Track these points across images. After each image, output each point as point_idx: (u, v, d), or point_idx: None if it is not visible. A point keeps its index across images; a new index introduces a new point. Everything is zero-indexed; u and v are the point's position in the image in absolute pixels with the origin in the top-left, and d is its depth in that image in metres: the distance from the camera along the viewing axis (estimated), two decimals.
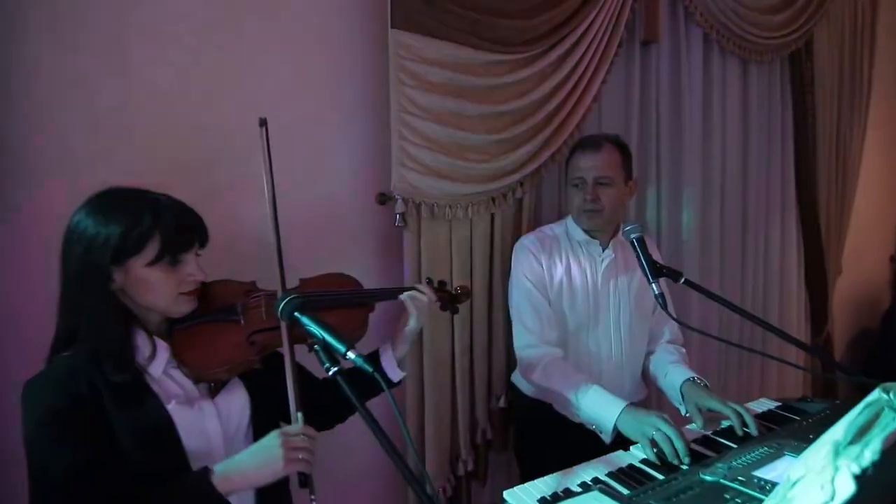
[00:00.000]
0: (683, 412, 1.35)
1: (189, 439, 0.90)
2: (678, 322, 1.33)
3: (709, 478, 0.95)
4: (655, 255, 1.44)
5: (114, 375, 0.86)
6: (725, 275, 2.28)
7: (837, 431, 0.59)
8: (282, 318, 0.90)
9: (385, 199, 1.59)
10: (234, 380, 1.01)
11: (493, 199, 1.68)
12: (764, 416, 1.29)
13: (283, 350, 0.95)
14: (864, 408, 0.59)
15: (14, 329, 1.21)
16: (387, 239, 1.65)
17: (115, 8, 1.29)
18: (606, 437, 1.25)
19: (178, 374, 0.95)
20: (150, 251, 0.89)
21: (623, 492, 0.96)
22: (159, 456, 0.87)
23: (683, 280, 1.24)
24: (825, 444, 0.58)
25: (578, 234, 1.53)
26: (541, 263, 1.49)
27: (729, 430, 1.20)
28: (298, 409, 0.90)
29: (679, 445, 1.08)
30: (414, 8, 1.46)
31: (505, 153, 1.64)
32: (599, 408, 1.25)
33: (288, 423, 0.90)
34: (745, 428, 1.17)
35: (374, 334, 1.24)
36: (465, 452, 1.72)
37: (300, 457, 0.84)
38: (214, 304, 1.02)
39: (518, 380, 1.60)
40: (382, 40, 1.50)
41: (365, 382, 0.86)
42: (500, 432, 1.78)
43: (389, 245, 1.65)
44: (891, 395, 0.57)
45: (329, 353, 0.84)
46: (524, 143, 1.67)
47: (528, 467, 1.58)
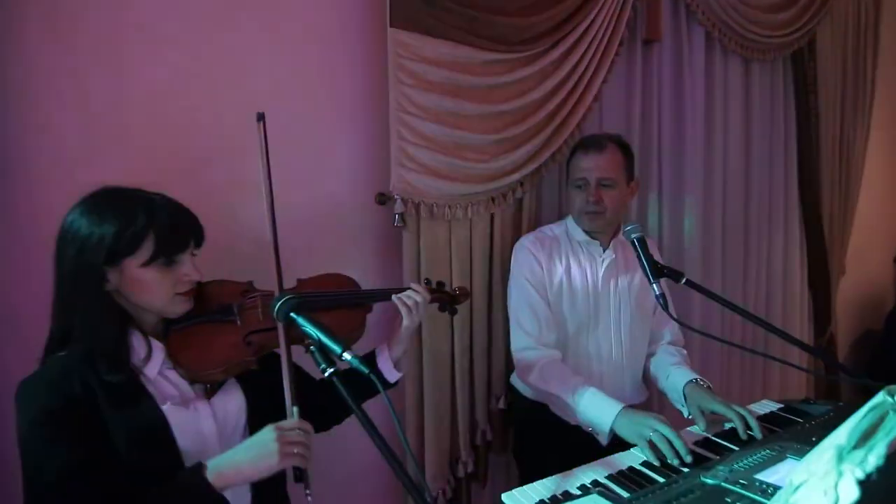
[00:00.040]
0: (686, 414, 1.34)
1: (184, 440, 0.89)
2: (679, 323, 1.31)
3: (710, 481, 0.94)
4: (656, 256, 1.43)
5: (108, 375, 0.85)
6: (727, 276, 2.26)
7: (841, 435, 0.57)
8: (277, 319, 0.90)
9: (384, 199, 1.58)
10: (231, 381, 1.00)
11: (492, 199, 1.67)
12: (766, 417, 1.27)
13: (280, 350, 0.94)
14: (869, 411, 0.57)
15: (13, 329, 1.21)
16: (386, 239, 1.65)
17: (112, 7, 1.29)
18: (603, 440, 1.24)
19: (173, 375, 0.94)
20: (145, 251, 0.88)
21: (623, 495, 0.95)
22: (154, 457, 0.86)
23: (685, 280, 1.23)
24: (828, 449, 0.57)
25: (579, 234, 1.52)
26: (540, 264, 1.48)
27: (731, 432, 1.19)
28: (294, 404, 0.89)
29: (678, 444, 1.08)
30: (413, 6, 1.45)
31: (504, 153, 1.63)
32: (596, 410, 1.24)
33: None
34: (749, 431, 1.16)
35: (374, 334, 1.23)
36: (464, 454, 1.71)
37: (295, 451, 0.84)
38: (211, 304, 1.01)
39: (517, 381, 1.59)
40: (381, 39, 1.49)
41: (362, 383, 0.85)
42: (499, 433, 1.77)
43: (388, 245, 1.64)
44: (895, 399, 0.56)
45: (325, 354, 0.83)
46: (524, 142, 1.66)
47: (528, 469, 1.57)
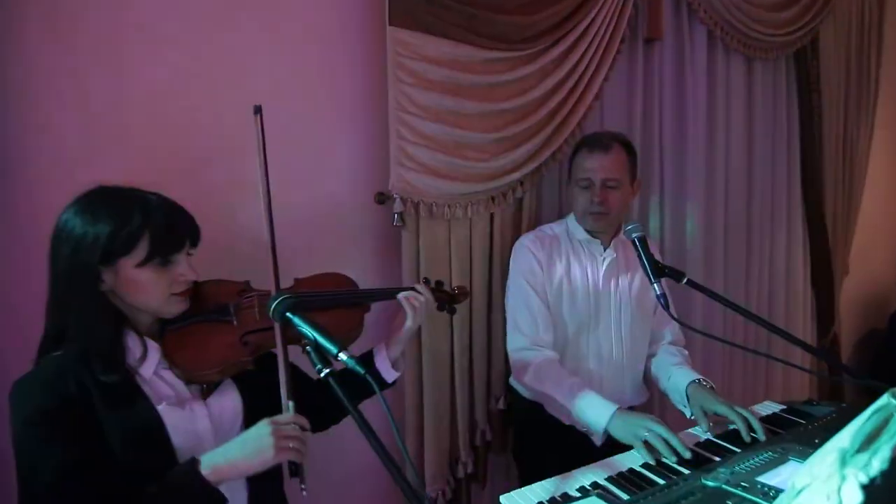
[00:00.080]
0: (689, 415, 1.32)
1: (179, 440, 0.88)
2: (680, 323, 1.30)
3: (711, 483, 0.93)
4: (657, 256, 1.41)
5: (103, 376, 0.85)
6: (730, 275, 2.24)
7: (844, 438, 0.56)
8: (273, 318, 0.89)
9: (383, 198, 1.57)
10: (227, 381, 0.99)
11: (492, 199, 1.66)
12: (768, 419, 1.26)
13: (277, 348, 0.94)
14: (872, 414, 0.56)
15: (13, 329, 1.20)
16: (385, 239, 1.64)
17: (112, 7, 1.28)
18: (597, 440, 1.24)
19: (169, 376, 0.94)
20: (140, 251, 0.87)
21: (622, 497, 0.94)
22: (149, 457, 0.86)
23: (686, 280, 1.22)
24: (831, 452, 0.56)
25: (580, 232, 1.51)
26: (540, 264, 1.47)
27: (732, 433, 1.18)
28: (290, 398, 0.89)
29: (675, 442, 1.07)
30: (412, 4, 1.44)
31: (504, 152, 1.62)
32: (591, 411, 1.23)
33: None
34: (753, 433, 1.14)
35: (372, 335, 1.22)
36: (464, 454, 1.70)
37: (291, 445, 0.83)
38: (207, 304, 1.01)
39: (517, 381, 1.58)
40: (380, 38, 1.48)
41: (359, 383, 0.84)
42: (499, 434, 1.76)
43: (388, 245, 1.64)
44: None
45: (321, 354, 0.82)
46: (524, 141, 1.65)
47: (527, 470, 1.56)
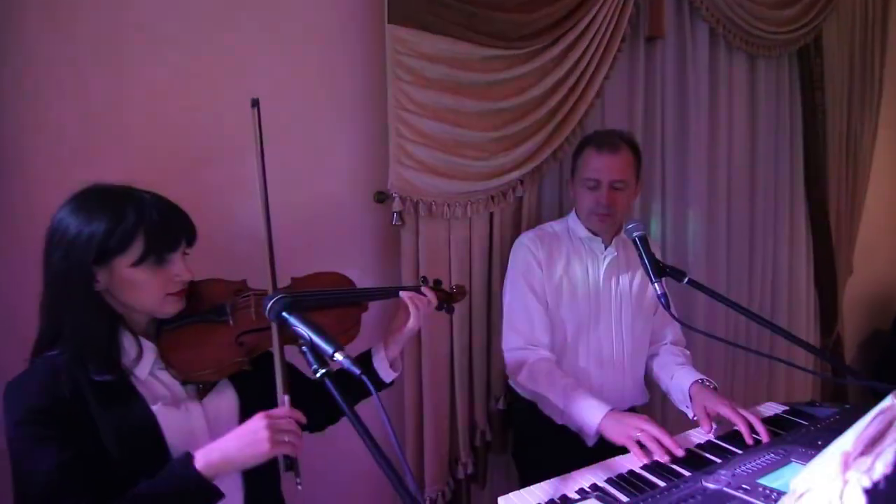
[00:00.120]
0: (691, 415, 1.31)
1: (174, 441, 0.88)
2: (681, 323, 1.29)
3: (711, 485, 0.91)
4: (657, 256, 1.40)
5: (98, 376, 0.84)
6: (732, 275, 2.22)
7: (847, 441, 0.55)
8: (269, 318, 0.88)
9: (383, 197, 1.56)
10: (224, 381, 0.99)
11: (492, 198, 1.65)
12: (770, 420, 1.24)
13: (273, 346, 0.93)
14: (876, 416, 0.55)
15: (10, 329, 1.20)
16: (384, 238, 1.63)
17: (112, 6, 1.28)
18: (589, 441, 1.23)
19: (165, 376, 0.93)
20: (135, 251, 0.86)
21: (622, 499, 0.93)
22: (144, 457, 0.85)
23: (687, 280, 1.21)
24: (833, 455, 0.55)
25: (581, 230, 1.49)
26: (539, 263, 1.45)
27: (734, 434, 1.16)
28: (285, 392, 0.88)
29: (667, 442, 1.07)
30: (411, 2, 1.43)
31: (504, 150, 1.61)
32: (583, 411, 1.22)
33: None
34: (755, 435, 1.13)
35: (372, 335, 1.21)
36: (464, 455, 1.69)
37: (286, 439, 0.83)
38: (203, 303, 1.00)
39: None
40: (379, 36, 1.47)
41: (356, 384, 0.83)
42: (499, 434, 1.75)
43: (387, 244, 1.63)
44: None
45: (317, 355, 0.82)
46: (524, 140, 1.64)
47: (527, 471, 1.55)
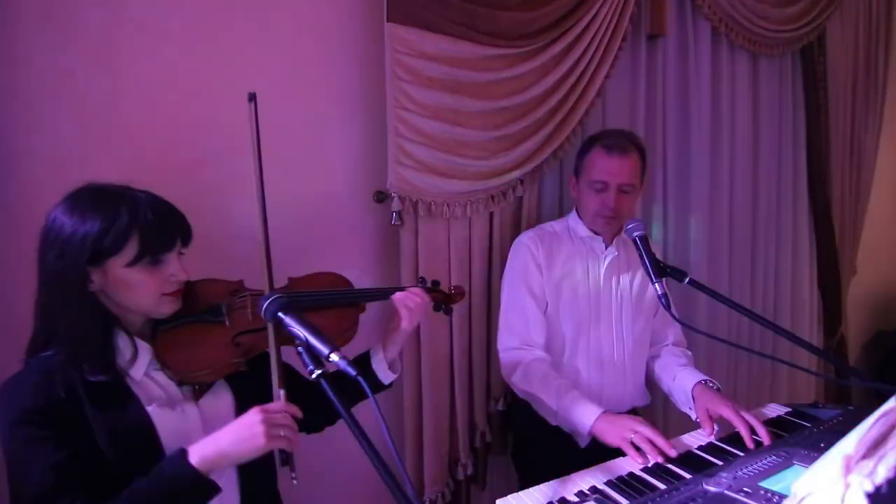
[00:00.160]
0: (694, 417, 1.30)
1: (170, 442, 0.87)
2: (682, 324, 1.28)
3: (712, 488, 0.90)
4: (658, 257, 1.39)
5: (92, 377, 0.84)
6: (734, 275, 2.21)
7: (849, 444, 0.54)
8: (264, 318, 0.87)
9: (382, 196, 1.55)
10: (220, 382, 0.98)
11: (492, 198, 1.64)
12: (773, 422, 1.23)
13: (269, 344, 0.92)
14: (879, 418, 0.54)
15: (8, 329, 1.19)
16: (383, 238, 1.62)
17: (107, 4, 1.27)
18: (582, 442, 1.23)
19: (160, 377, 0.93)
20: (130, 251, 0.86)
21: (621, 502, 0.92)
22: (139, 458, 0.84)
23: (688, 280, 1.19)
24: (835, 458, 0.54)
25: (582, 229, 1.48)
26: (538, 263, 1.44)
27: (735, 436, 1.15)
28: (281, 387, 0.87)
29: (660, 443, 1.06)
30: (411, 0, 1.42)
31: (504, 150, 1.60)
32: (576, 413, 1.22)
33: None
34: (756, 436, 1.11)
35: (371, 335, 1.20)
36: (463, 456, 1.68)
37: (281, 434, 0.82)
38: (199, 304, 0.99)
39: None
40: (379, 35, 1.47)
41: (353, 384, 0.83)
42: (498, 435, 1.74)
43: (386, 244, 1.62)
44: None
45: (313, 355, 0.81)
46: (524, 139, 1.63)
47: (527, 472, 1.54)
